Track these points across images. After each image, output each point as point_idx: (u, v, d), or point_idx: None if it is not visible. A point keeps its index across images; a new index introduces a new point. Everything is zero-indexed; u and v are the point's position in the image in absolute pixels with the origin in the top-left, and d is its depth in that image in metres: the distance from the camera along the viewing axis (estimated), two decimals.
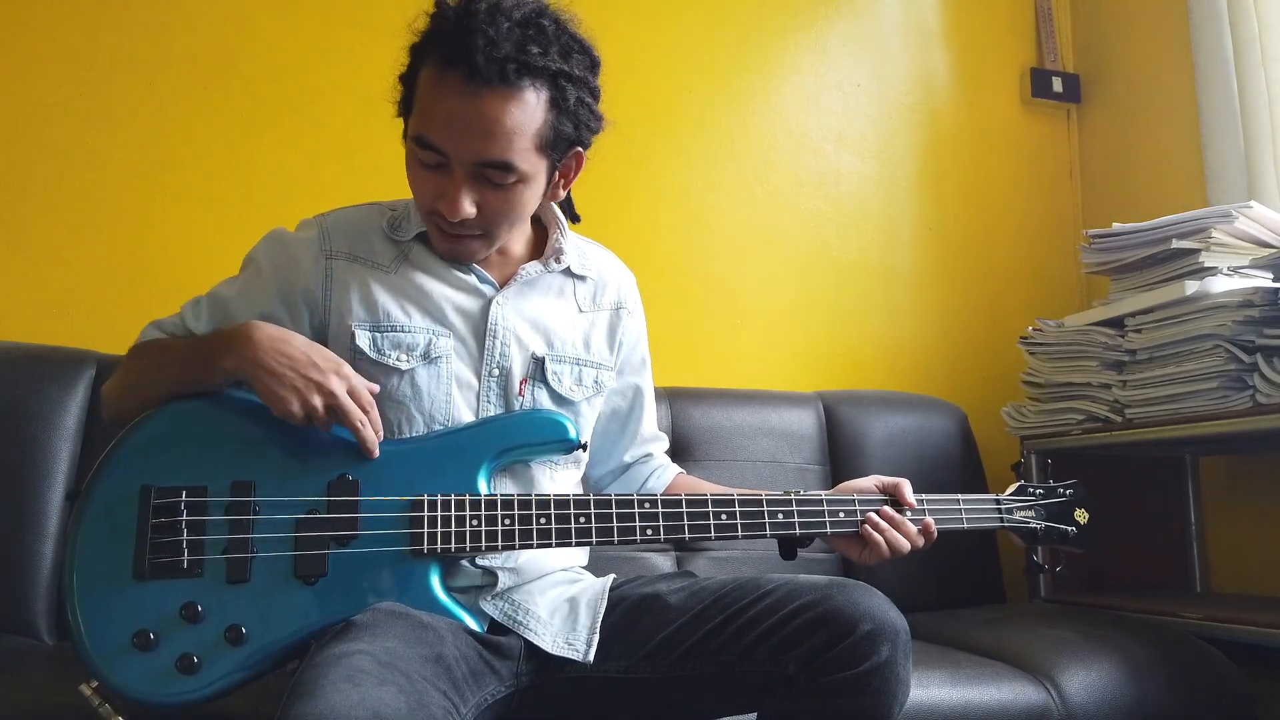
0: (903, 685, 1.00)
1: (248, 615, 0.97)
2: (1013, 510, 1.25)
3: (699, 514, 1.09)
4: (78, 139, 1.85)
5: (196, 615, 0.95)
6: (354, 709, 0.79)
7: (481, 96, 1.00)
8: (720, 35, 2.29)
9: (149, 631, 0.94)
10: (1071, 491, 1.28)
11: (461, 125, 1.02)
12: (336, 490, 1.02)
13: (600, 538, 1.05)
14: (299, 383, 1.00)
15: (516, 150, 1.03)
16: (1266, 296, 1.54)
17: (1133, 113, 2.36)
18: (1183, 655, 1.51)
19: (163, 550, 0.97)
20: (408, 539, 1.01)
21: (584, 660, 1.05)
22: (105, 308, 1.81)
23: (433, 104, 1.03)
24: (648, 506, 1.06)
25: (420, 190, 1.09)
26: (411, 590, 1.01)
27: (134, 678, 0.94)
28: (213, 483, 1.00)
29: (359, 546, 1.00)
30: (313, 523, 1.00)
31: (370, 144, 1.94)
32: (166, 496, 0.98)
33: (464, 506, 1.03)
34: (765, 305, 2.25)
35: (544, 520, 1.04)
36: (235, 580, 0.98)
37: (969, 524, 1.21)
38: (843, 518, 1.14)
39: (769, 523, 1.11)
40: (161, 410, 1.03)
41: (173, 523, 0.97)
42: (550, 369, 1.18)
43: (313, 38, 2.00)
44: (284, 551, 0.99)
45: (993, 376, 2.30)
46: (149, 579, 0.96)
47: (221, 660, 0.95)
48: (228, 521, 0.99)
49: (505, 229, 1.12)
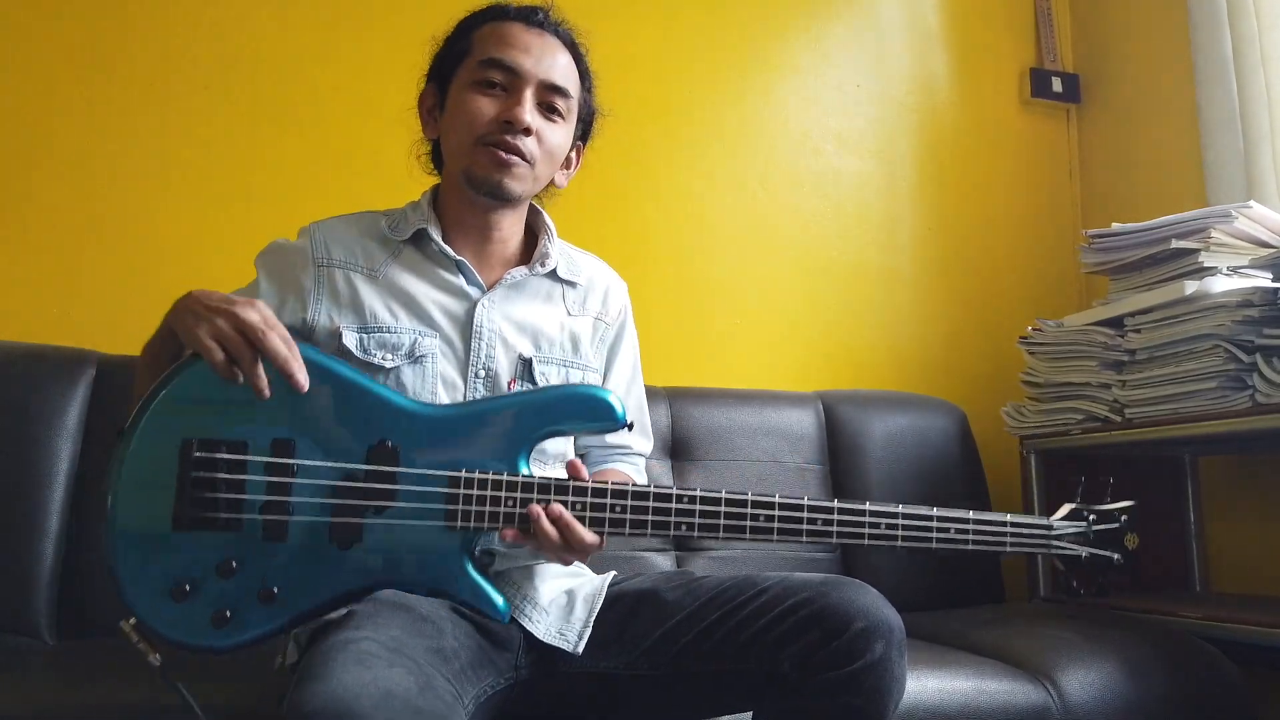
0: (897, 683, 0.99)
1: (281, 575, 0.98)
2: (1062, 537, 1.17)
3: (737, 513, 1.04)
4: (78, 139, 1.85)
5: (231, 570, 0.97)
6: (366, 688, 0.80)
7: (545, 35, 1.19)
8: (720, 36, 2.29)
9: (186, 582, 0.96)
10: (1127, 518, 1.20)
11: (535, 49, 1.17)
12: (376, 456, 1.01)
13: (634, 529, 1.04)
14: (207, 315, 0.98)
15: (571, 85, 1.19)
16: (1266, 296, 1.54)
17: (1132, 113, 2.36)
18: (1183, 655, 1.51)
19: (202, 504, 0.97)
20: (443, 514, 1.01)
21: (573, 651, 1.06)
22: (105, 308, 1.81)
23: (503, 36, 1.17)
24: (685, 502, 1.04)
25: (481, 112, 1.15)
26: (443, 564, 1.01)
27: (169, 624, 0.97)
28: (253, 439, 0.99)
29: (394, 516, 1.01)
30: (350, 490, 1.00)
31: (371, 144, 1.95)
32: (207, 450, 0.98)
33: (501, 487, 1.02)
34: (765, 305, 2.25)
35: (579, 508, 1.03)
36: (271, 538, 0.98)
37: (1012, 548, 1.13)
38: (883, 529, 1.08)
39: (806, 529, 1.04)
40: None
41: (212, 478, 0.98)
42: (538, 370, 1.19)
43: (313, 39, 2.01)
44: (320, 516, 0.99)
45: (992, 376, 2.30)
46: (187, 530, 0.97)
47: (252, 616, 0.97)
48: (266, 481, 0.99)
49: (543, 165, 1.19)
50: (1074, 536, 1.18)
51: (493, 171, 1.15)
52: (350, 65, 2.01)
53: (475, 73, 1.16)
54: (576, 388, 1.15)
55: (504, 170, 1.15)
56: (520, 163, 1.15)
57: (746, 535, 1.04)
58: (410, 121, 1.28)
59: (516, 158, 1.15)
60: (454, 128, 1.18)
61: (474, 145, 1.15)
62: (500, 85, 1.15)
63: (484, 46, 1.17)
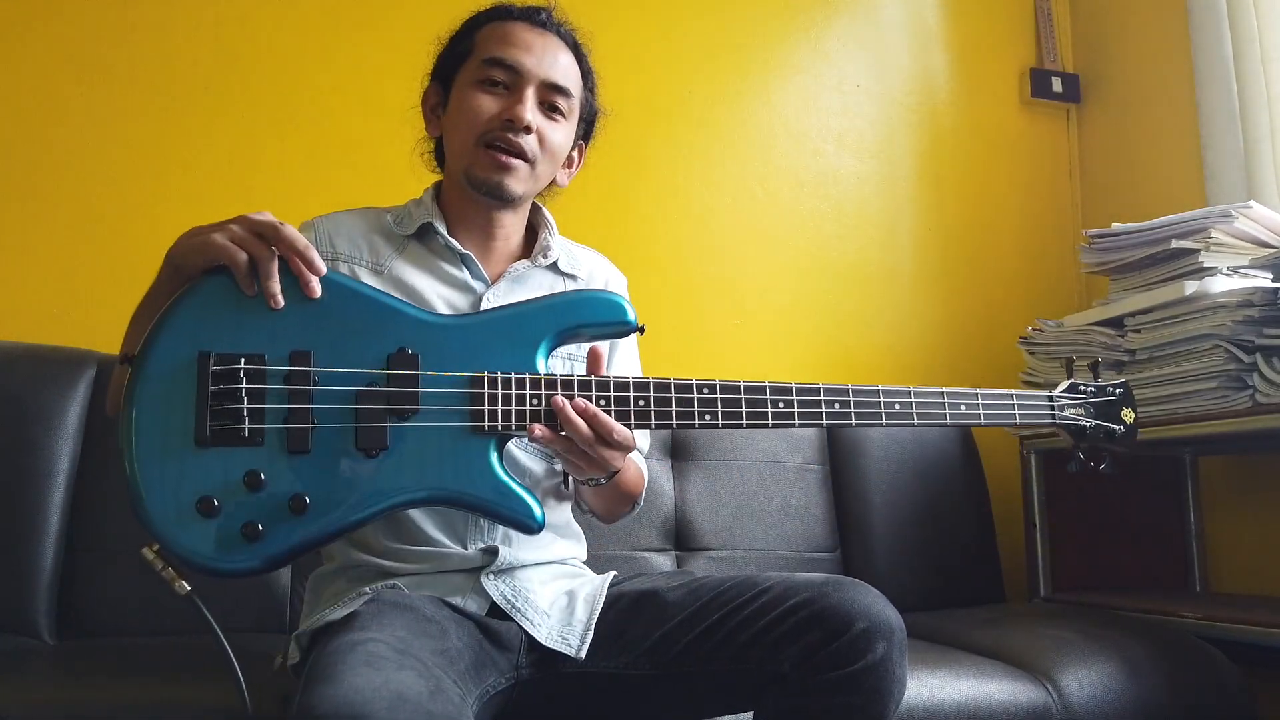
0: (898, 683, 0.99)
1: (310, 485, 0.96)
2: (1064, 407, 1.21)
3: (757, 400, 1.05)
4: (78, 139, 1.85)
5: (259, 483, 0.95)
6: (376, 691, 0.79)
7: (547, 35, 1.20)
8: (720, 36, 2.29)
9: (213, 498, 0.93)
10: (1121, 391, 1.25)
11: (537, 48, 1.18)
12: (396, 363, 1.00)
13: (660, 420, 1.03)
14: (218, 227, 1.01)
15: (573, 84, 1.20)
16: (1266, 296, 1.54)
17: (1132, 113, 2.36)
18: (1182, 655, 1.51)
19: (223, 417, 0.95)
20: (468, 415, 1.00)
21: (576, 656, 1.06)
22: (105, 308, 1.81)
23: (506, 35, 1.18)
24: (706, 392, 1.04)
25: (482, 110, 1.16)
26: (472, 467, 1.00)
27: (198, 543, 0.93)
28: (271, 351, 0.98)
29: (419, 420, 0.99)
30: (372, 395, 0.99)
31: (370, 144, 1.95)
32: (225, 364, 0.96)
33: (524, 385, 1.01)
34: (765, 305, 2.25)
35: (604, 402, 1.02)
36: (296, 450, 0.97)
37: (1021, 419, 1.19)
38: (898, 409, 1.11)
39: (825, 412, 1.08)
40: (218, 274, 1.01)
41: (232, 390, 0.96)
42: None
43: (314, 39, 2.01)
44: (344, 424, 0.98)
45: (992, 376, 2.30)
46: (210, 446, 0.95)
47: (284, 528, 0.95)
48: (287, 391, 0.97)
49: (544, 164, 1.19)
50: (1076, 407, 1.22)
51: (493, 173, 1.16)
52: (350, 65, 2.01)
53: (477, 71, 1.17)
54: (590, 291, 1.20)
55: (504, 172, 1.16)
56: (520, 163, 1.16)
57: (769, 422, 1.05)
58: (413, 119, 1.28)
59: (517, 159, 1.16)
60: (456, 125, 1.19)
61: (475, 145, 1.16)
62: (502, 84, 1.16)
63: (486, 46, 1.18)
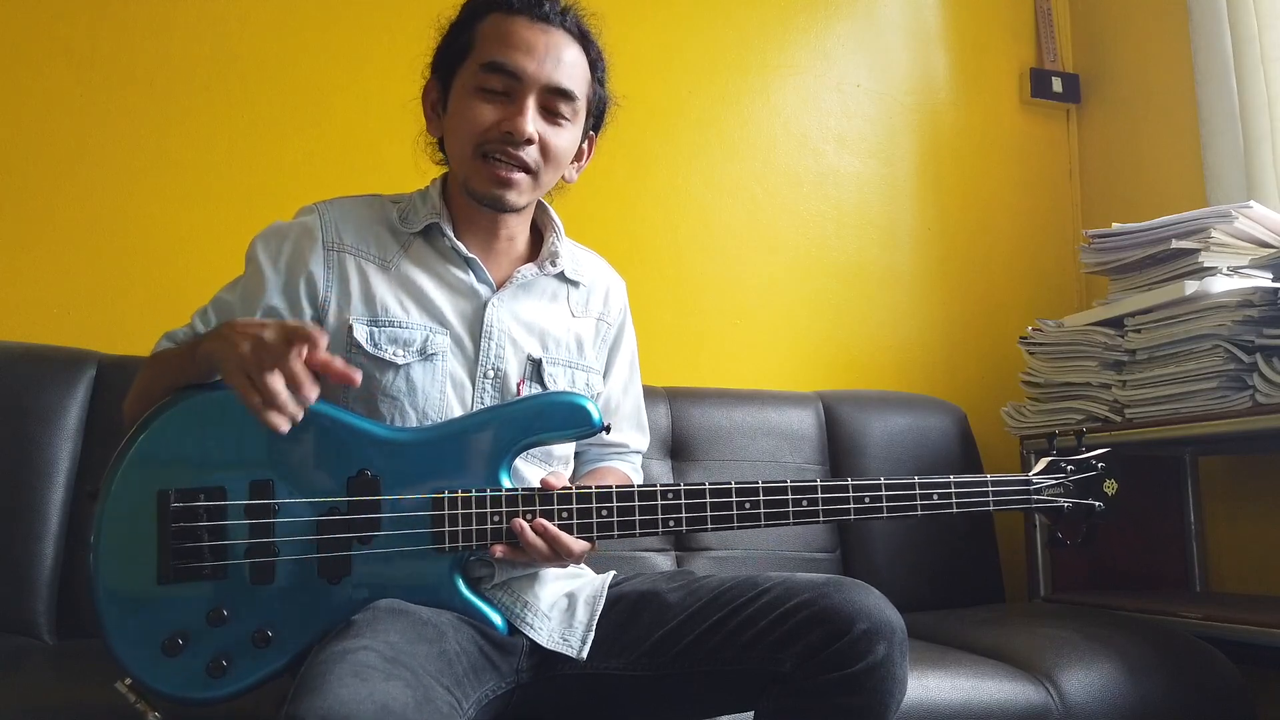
0: (899, 684, 0.99)
1: (273, 616, 0.98)
2: (1041, 490, 1.19)
3: (723, 504, 1.05)
4: (78, 139, 1.85)
5: (223, 618, 0.96)
6: (362, 704, 0.79)
7: (550, 32, 1.13)
8: (720, 36, 2.29)
9: (178, 636, 0.96)
10: (1104, 465, 1.22)
11: (539, 50, 1.11)
12: (357, 488, 1.01)
13: (622, 531, 1.04)
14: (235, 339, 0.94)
15: (578, 85, 1.15)
16: (1266, 296, 1.54)
17: (1132, 113, 2.36)
18: (1183, 655, 1.51)
19: (185, 555, 0.97)
20: (430, 538, 1.01)
21: (578, 657, 1.06)
22: (105, 308, 1.81)
23: (506, 35, 1.12)
24: (670, 498, 1.05)
25: (480, 119, 1.11)
26: (436, 587, 1.01)
27: (166, 681, 0.96)
28: (230, 484, 0.99)
29: (382, 546, 1.00)
30: (334, 523, 1.00)
31: (370, 144, 1.95)
32: (185, 500, 0.97)
33: (485, 504, 1.02)
34: (765, 305, 2.25)
35: (565, 515, 1.03)
36: (259, 581, 0.98)
37: (995, 507, 1.15)
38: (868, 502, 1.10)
39: (792, 510, 1.07)
40: (171, 406, 1.01)
41: (193, 528, 0.97)
42: (547, 371, 1.18)
43: (313, 38, 2.00)
44: (307, 554, 0.99)
45: (992, 376, 2.30)
46: (173, 582, 0.96)
47: (249, 662, 0.97)
48: (247, 525, 0.98)
49: (548, 172, 1.16)
50: (1054, 488, 1.20)
51: (493, 187, 1.13)
52: (350, 65, 2.01)
53: (476, 77, 1.12)
54: (550, 396, 1.13)
55: (504, 186, 1.13)
56: (522, 176, 1.13)
57: (735, 524, 1.05)
58: (414, 109, 1.25)
59: (518, 172, 1.13)
60: (455, 132, 1.15)
61: (474, 156, 1.13)
62: (502, 92, 1.11)
63: (486, 46, 1.12)
